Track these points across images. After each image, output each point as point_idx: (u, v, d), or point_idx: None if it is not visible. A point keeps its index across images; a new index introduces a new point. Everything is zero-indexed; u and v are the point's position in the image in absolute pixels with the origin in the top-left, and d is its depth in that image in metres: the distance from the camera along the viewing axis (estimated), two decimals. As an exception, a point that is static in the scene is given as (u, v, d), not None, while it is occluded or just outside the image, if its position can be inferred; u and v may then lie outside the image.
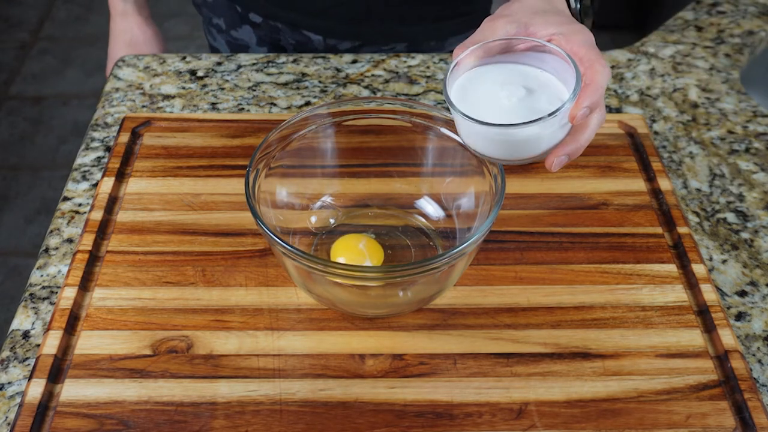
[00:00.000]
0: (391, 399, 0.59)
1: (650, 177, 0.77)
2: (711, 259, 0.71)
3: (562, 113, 0.54)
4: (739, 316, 0.66)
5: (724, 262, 0.71)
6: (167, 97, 0.87)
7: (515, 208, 0.73)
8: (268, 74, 0.90)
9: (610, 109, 0.86)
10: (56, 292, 0.67)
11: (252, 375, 0.60)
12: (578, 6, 0.68)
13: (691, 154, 0.81)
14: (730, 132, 0.84)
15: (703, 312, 0.65)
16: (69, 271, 0.67)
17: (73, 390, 0.59)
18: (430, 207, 0.71)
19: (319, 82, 0.89)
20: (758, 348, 0.64)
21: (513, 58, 0.60)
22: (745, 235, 0.73)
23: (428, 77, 0.90)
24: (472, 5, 0.99)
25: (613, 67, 0.93)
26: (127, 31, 1.04)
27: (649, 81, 0.91)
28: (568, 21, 0.60)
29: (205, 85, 0.89)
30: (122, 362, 0.61)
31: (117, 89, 0.88)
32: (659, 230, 0.72)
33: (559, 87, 0.58)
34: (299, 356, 0.62)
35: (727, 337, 0.63)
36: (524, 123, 0.54)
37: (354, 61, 0.92)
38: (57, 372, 0.60)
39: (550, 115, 0.54)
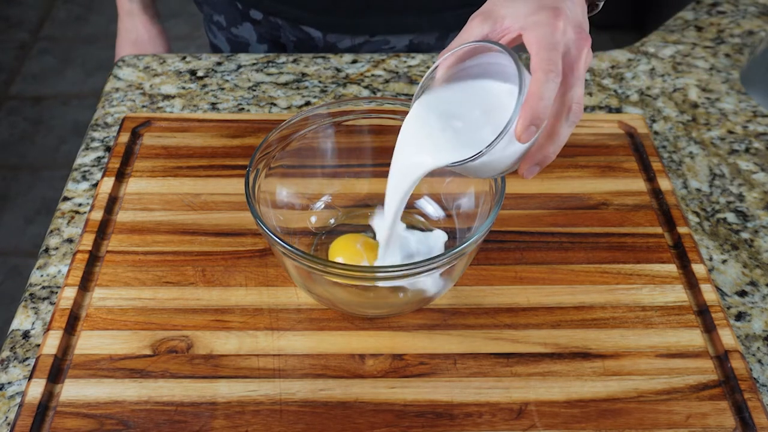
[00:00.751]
0: (391, 399, 0.59)
1: (650, 177, 0.77)
2: (711, 259, 0.71)
3: (506, 136, 0.51)
4: (739, 316, 0.66)
5: (724, 262, 0.71)
6: (167, 97, 0.87)
7: (515, 208, 0.73)
8: (268, 74, 0.90)
9: (609, 109, 0.86)
10: (56, 292, 0.67)
11: (252, 375, 0.60)
12: None
13: (691, 154, 0.81)
14: (730, 132, 0.84)
15: (703, 312, 0.65)
16: (69, 271, 0.67)
17: (73, 390, 0.59)
18: (430, 207, 0.71)
19: (319, 82, 0.89)
20: (758, 348, 0.64)
21: (485, 61, 0.56)
22: (745, 235, 0.73)
23: (428, 77, 0.89)
24: None
25: (613, 67, 0.93)
26: (133, 30, 1.04)
27: (649, 81, 0.91)
28: (534, 10, 0.54)
29: (205, 85, 0.89)
30: (122, 362, 0.61)
31: (117, 89, 0.88)
32: (659, 230, 0.72)
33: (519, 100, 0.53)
34: (299, 356, 0.62)
35: (727, 337, 0.63)
36: (461, 161, 0.52)
37: (354, 61, 0.92)
38: (57, 372, 0.60)
39: (488, 147, 0.51)
